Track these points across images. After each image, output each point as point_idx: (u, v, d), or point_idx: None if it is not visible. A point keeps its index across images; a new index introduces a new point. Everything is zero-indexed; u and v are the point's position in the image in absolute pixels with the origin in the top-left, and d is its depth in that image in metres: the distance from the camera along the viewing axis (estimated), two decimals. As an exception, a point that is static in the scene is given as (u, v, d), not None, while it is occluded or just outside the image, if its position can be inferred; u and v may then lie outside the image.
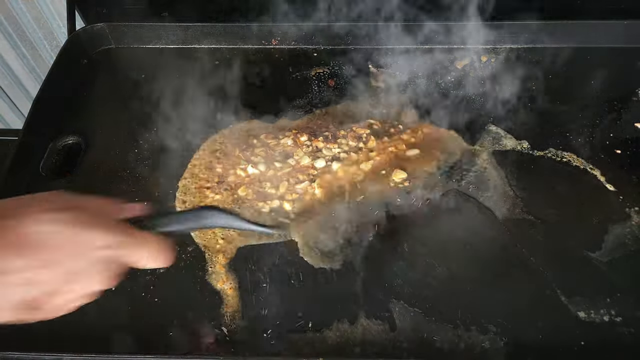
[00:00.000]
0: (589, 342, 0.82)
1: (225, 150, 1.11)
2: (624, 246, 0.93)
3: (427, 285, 0.89)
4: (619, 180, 1.03)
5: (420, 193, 1.02)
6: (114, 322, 0.86)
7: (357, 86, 1.23)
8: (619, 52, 1.28)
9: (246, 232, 0.96)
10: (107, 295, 0.89)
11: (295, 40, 1.33)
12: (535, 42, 1.30)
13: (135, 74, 1.29)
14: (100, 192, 1.04)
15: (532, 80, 1.22)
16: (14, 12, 1.62)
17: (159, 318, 0.87)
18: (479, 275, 0.91)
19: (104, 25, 1.32)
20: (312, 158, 1.07)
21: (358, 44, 1.31)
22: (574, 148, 1.09)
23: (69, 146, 1.14)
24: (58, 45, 1.71)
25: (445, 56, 1.29)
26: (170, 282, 0.91)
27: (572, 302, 0.87)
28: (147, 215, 0.67)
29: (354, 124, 1.14)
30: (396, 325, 0.85)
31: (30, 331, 0.85)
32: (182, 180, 1.06)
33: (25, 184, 1.05)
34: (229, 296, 0.89)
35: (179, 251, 0.94)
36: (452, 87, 1.22)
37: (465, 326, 0.84)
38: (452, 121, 1.14)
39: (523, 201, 1.00)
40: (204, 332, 0.85)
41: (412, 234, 0.96)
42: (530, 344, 0.83)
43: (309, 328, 0.85)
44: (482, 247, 0.94)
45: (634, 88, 1.20)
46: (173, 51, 1.34)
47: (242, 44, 1.34)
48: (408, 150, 1.09)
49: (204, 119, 1.17)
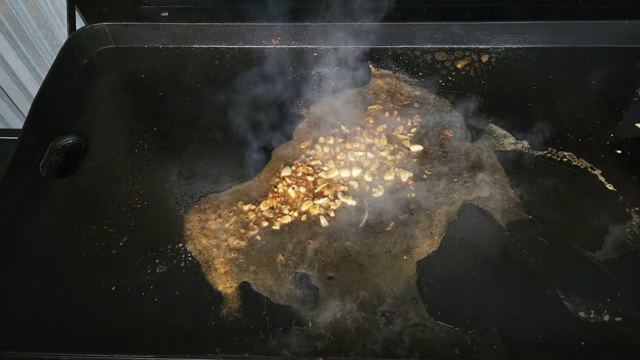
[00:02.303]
0: (589, 342, 0.82)
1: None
2: (624, 246, 0.93)
3: (427, 285, 0.89)
4: (619, 180, 1.03)
5: (421, 193, 1.02)
6: (114, 322, 0.86)
7: (357, 85, 1.23)
8: (619, 52, 1.28)
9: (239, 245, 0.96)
10: (107, 295, 0.90)
11: (295, 40, 1.33)
12: (535, 42, 1.30)
13: (135, 74, 1.29)
14: (100, 192, 1.04)
15: (532, 80, 1.22)
16: (14, 12, 1.62)
17: (159, 318, 0.87)
18: (479, 275, 0.91)
19: (104, 25, 1.32)
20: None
21: (358, 43, 1.31)
22: (574, 148, 1.09)
23: (69, 146, 1.14)
24: (58, 45, 1.71)
25: (446, 56, 1.29)
26: (170, 282, 0.91)
27: (572, 302, 0.87)
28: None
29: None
30: (396, 325, 0.85)
31: (30, 331, 0.86)
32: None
33: (25, 184, 1.05)
34: (229, 296, 0.89)
35: (179, 252, 0.95)
36: (452, 87, 1.22)
37: (465, 326, 0.84)
38: (452, 121, 1.15)
39: (523, 201, 1.00)
40: (204, 331, 0.85)
41: (412, 234, 0.96)
42: (530, 343, 0.83)
43: (309, 327, 0.85)
44: (482, 247, 0.94)
45: (634, 88, 1.20)
46: (173, 51, 1.34)
47: (242, 44, 1.34)
48: (412, 146, 1.10)
49: (204, 118, 1.17)
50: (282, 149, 1.11)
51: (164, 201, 1.02)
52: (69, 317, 0.87)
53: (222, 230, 0.98)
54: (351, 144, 1.10)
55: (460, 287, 0.89)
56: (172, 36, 1.34)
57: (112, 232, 0.98)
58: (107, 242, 0.96)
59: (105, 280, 0.91)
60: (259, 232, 0.98)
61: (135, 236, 0.97)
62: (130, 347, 0.84)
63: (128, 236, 0.97)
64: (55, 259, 0.95)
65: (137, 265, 0.93)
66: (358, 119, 1.16)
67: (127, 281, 0.91)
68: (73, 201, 1.03)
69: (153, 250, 0.95)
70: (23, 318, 0.88)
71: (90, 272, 0.92)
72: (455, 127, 1.14)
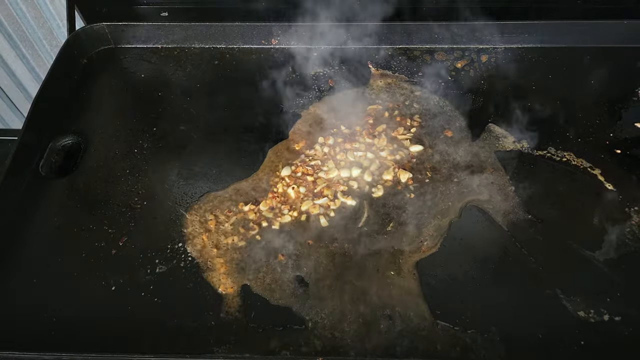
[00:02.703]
0: (589, 342, 0.82)
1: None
2: (624, 246, 0.93)
3: (427, 285, 0.89)
4: (618, 180, 1.03)
5: (420, 193, 1.02)
6: (114, 322, 0.86)
7: (356, 85, 1.23)
8: (618, 52, 1.28)
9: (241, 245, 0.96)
10: (107, 295, 0.90)
11: (295, 40, 1.33)
12: (535, 42, 1.30)
13: (135, 74, 1.29)
14: (100, 192, 1.04)
15: (532, 80, 1.22)
16: (13, 12, 1.62)
17: (159, 318, 0.87)
18: (479, 275, 0.91)
19: (104, 25, 1.32)
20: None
21: (358, 43, 1.31)
22: (574, 148, 1.09)
23: (68, 146, 1.14)
24: (58, 45, 1.71)
25: (446, 56, 1.29)
26: (170, 282, 0.91)
27: (572, 302, 0.87)
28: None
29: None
30: (396, 325, 0.85)
31: (31, 331, 0.86)
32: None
33: (24, 184, 1.05)
34: (229, 296, 0.89)
35: (179, 252, 0.95)
36: (452, 87, 1.22)
37: (465, 326, 0.84)
38: (452, 121, 1.15)
39: (523, 201, 1.00)
40: (204, 331, 0.85)
41: (412, 234, 0.96)
42: (530, 343, 0.83)
43: (309, 327, 0.85)
44: (482, 247, 0.94)
45: (634, 88, 1.20)
46: (173, 51, 1.34)
47: (242, 44, 1.34)
48: (411, 146, 1.10)
49: (204, 118, 1.17)
50: (282, 149, 1.11)
51: (164, 201, 1.02)
52: (69, 317, 0.87)
53: (222, 230, 0.98)
54: (351, 144, 1.10)
55: (460, 287, 0.89)
56: (171, 36, 1.34)
57: (112, 232, 0.98)
58: (107, 242, 0.96)
59: (105, 280, 0.91)
60: (259, 232, 0.98)
61: (135, 236, 0.97)
62: (130, 347, 0.84)
63: (128, 236, 0.97)
64: (55, 259, 0.94)
65: (137, 265, 0.93)
66: (358, 119, 1.16)
67: (127, 281, 0.91)
68: (73, 201, 1.03)
69: (153, 250, 0.95)
70: (23, 318, 0.88)
71: (90, 272, 0.92)
72: (455, 127, 1.14)
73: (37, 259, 0.95)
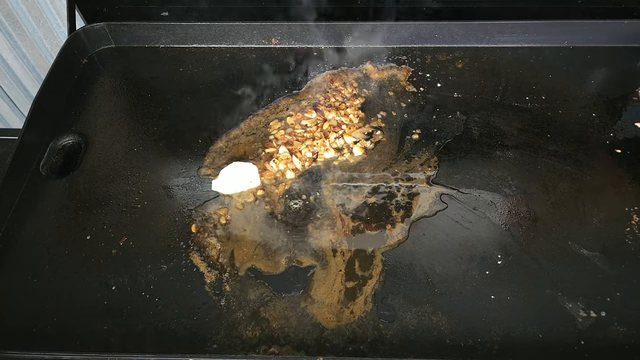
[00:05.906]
0: (589, 342, 0.82)
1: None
2: (624, 246, 0.93)
3: (427, 285, 0.89)
4: (619, 180, 1.03)
5: (421, 192, 1.02)
6: (114, 322, 0.86)
7: (356, 85, 1.23)
8: (619, 52, 1.28)
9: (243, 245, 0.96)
10: (107, 295, 0.90)
11: (296, 40, 1.33)
12: (535, 42, 1.30)
13: (135, 74, 1.29)
14: (100, 192, 1.04)
15: (532, 80, 1.22)
16: (14, 11, 1.62)
17: (159, 318, 0.87)
18: (479, 275, 0.91)
19: (104, 25, 1.32)
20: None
21: (358, 43, 1.31)
22: (574, 148, 1.09)
23: (69, 146, 1.14)
24: (58, 45, 1.71)
25: (446, 56, 1.29)
26: (170, 282, 0.91)
27: (572, 302, 0.87)
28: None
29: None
30: (396, 325, 0.85)
31: (31, 331, 0.86)
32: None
33: (25, 184, 1.06)
34: (229, 296, 0.89)
35: (179, 252, 0.95)
36: (452, 87, 1.22)
37: (465, 326, 0.84)
38: (452, 120, 1.15)
39: (523, 201, 1.00)
40: (204, 331, 0.85)
41: (412, 235, 0.96)
42: (530, 343, 0.83)
43: (309, 327, 0.85)
44: (482, 247, 0.94)
45: (634, 88, 1.20)
46: (173, 51, 1.34)
47: (242, 44, 1.34)
48: (413, 146, 1.10)
49: (204, 118, 1.17)
50: (282, 149, 1.11)
51: (164, 201, 1.03)
52: (69, 317, 0.88)
53: (222, 229, 0.98)
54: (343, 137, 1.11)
55: (460, 286, 0.89)
56: (172, 36, 1.34)
57: (112, 232, 0.98)
58: (107, 242, 0.96)
59: (105, 280, 0.91)
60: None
61: (135, 236, 0.97)
62: (130, 347, 0.84)
63: (128, 236, 0.97)
64: (55, 259, 0.95)
65: (137, 265, 0.93)
66: (358, 119, 1.16)
67: (127, 281, 0.91)
68: (73, 201, 1.03)
69: (153, 250, 0.95)
70: (23, 318, 0.88)
71: (90, 272, 0.92)
72: (455, 127, 1.14)
73: (37, 259, 0.95)
